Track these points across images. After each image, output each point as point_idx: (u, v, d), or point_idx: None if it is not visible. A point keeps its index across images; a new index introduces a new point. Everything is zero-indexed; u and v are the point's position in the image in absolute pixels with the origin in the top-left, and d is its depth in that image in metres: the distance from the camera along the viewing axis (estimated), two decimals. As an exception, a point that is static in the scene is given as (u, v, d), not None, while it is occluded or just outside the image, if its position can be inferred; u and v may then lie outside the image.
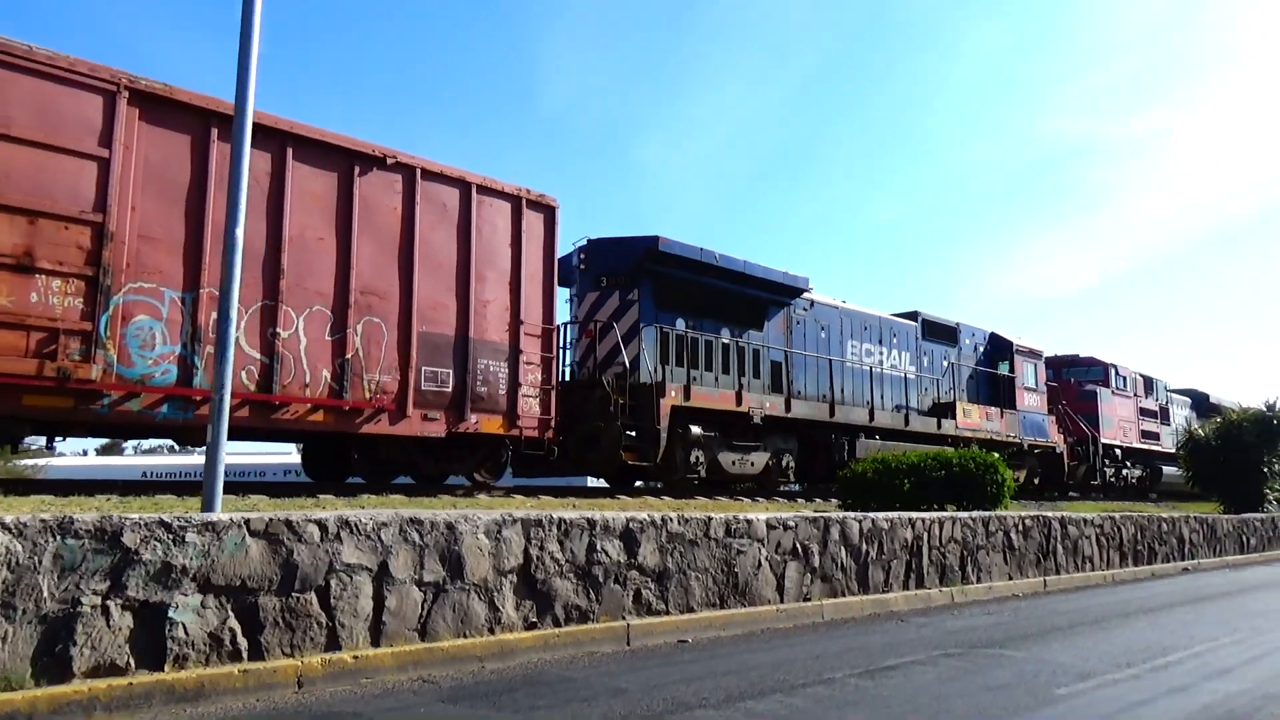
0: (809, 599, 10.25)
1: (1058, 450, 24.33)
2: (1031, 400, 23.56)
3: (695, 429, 15.05)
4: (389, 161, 11.81)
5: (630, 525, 8.60)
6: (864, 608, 10.71)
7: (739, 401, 15.69)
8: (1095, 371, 27.71)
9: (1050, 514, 15.07)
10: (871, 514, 11.54)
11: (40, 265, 9.06)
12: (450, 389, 12.07)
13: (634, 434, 14.10)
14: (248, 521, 5.87)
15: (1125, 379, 28.64)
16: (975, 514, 13.30)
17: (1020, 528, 14.02)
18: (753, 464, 16.06)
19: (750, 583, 9.63)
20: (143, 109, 9.96)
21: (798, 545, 10.29)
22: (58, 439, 11.07)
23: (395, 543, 6.67)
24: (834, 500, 15.27)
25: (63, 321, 9.14)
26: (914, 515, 12.05)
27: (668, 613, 8.68)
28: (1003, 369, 23.22)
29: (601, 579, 8.25)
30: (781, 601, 9.89)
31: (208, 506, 6.12)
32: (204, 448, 11.17)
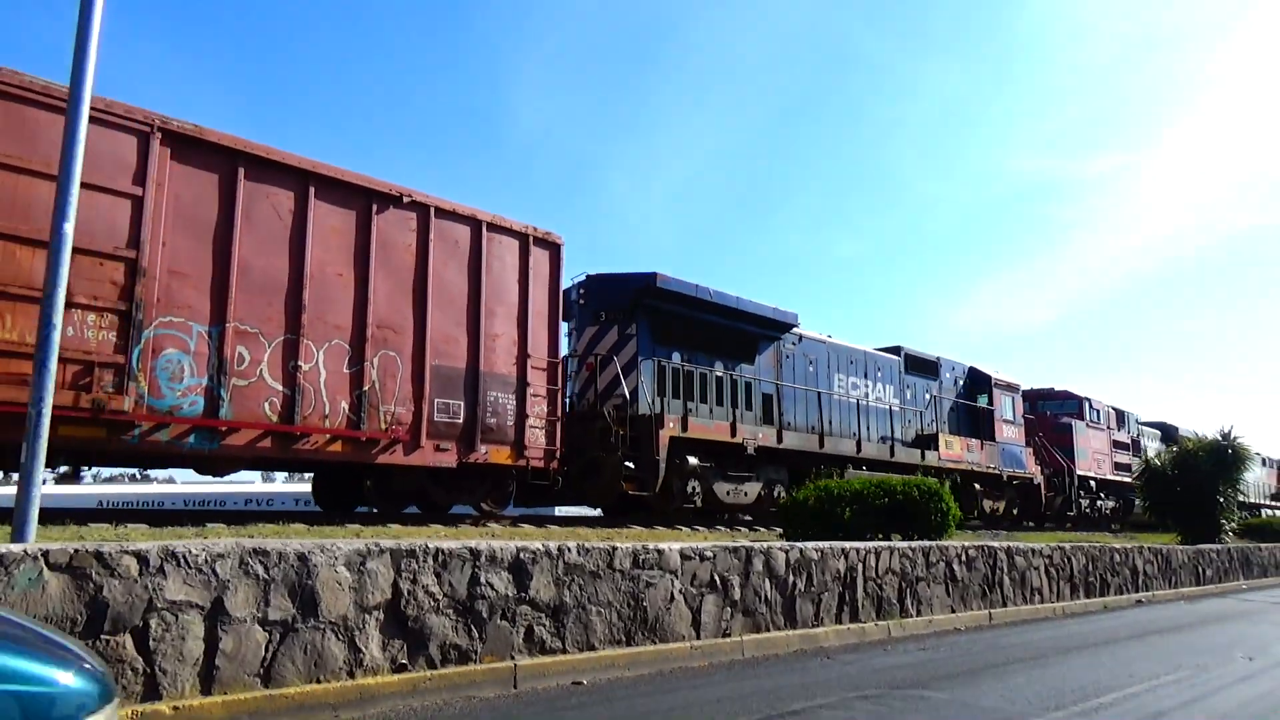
0: (729, 635, 9.39)
1: (1035, 481, 24.27)
2: (1010, 432, 23.89)
3: (692, 460, 15.34)
4: (405, 200, 12.16)
5: (521, 556, 7.72)
6: (790, 644, 9.84)
7: (733, 433, 16.00)
8: (1070, 405, 27.41)
9: (996, 544, 14.17)
10: (800, 544, 10.62)
11: (77, 300, 9.20)
12: (461, 420, 12.16)
13: (633, 464, 14.51)
14: (47, 554, 4.95)
15: (1099, 412, 28.66)
16: (915, 544, 12.44)
17: (963, 558, 13.13)
18: (746, 494, 16.40)
19: (661, 618, 8.74)
20: (174, 149, 10.18)
21: (716, 577, 9.40)
22: (84, 469, 11.35)
23: (234, 576, 5.67)
24: (776, 529, 14.16)
25: (97, 354, 9.26)
26: (848, 545, 11.22)
27: (564, 651, 7.85)
28: (981, 402, 23.36)
29: (486, 615, 7.41)
30: (697, 638, 9.03)
31: (18, 536, 5.24)
32: (164, 475, 11.19)
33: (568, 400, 14.96)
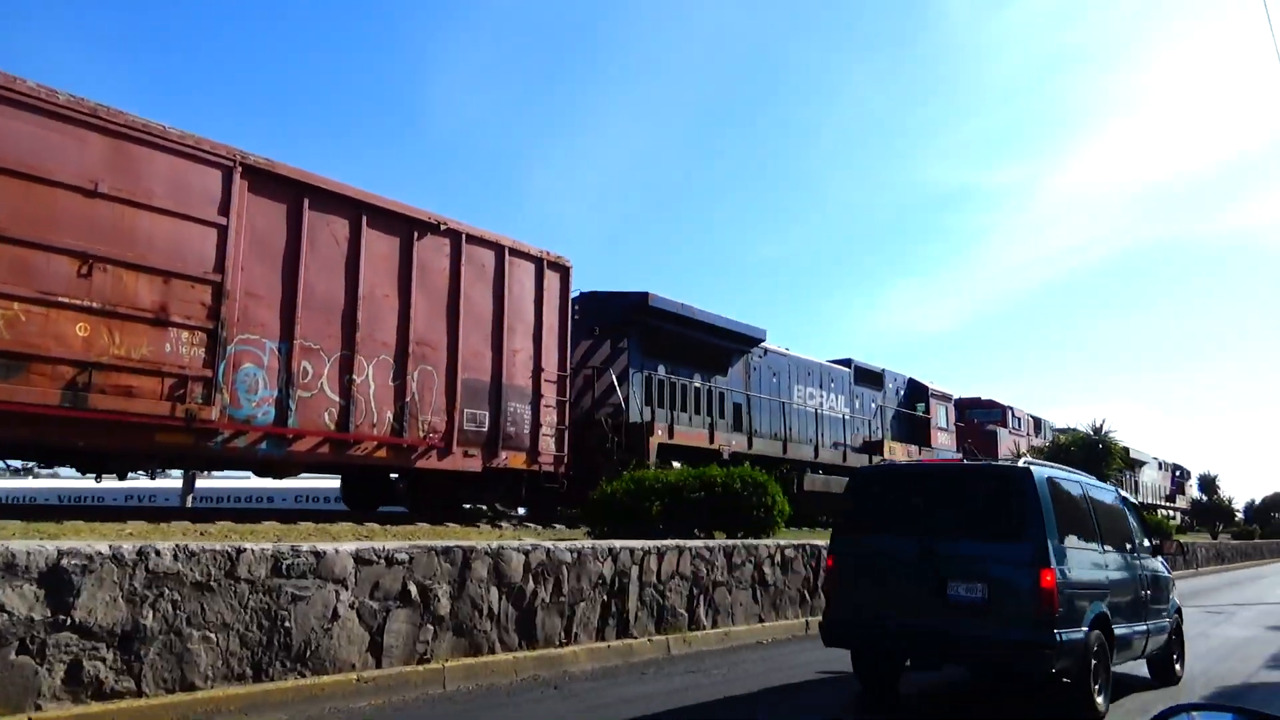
0: (428, 660, 8.07)
1: None
2: (943, 439, 26.81)
3: (676, 464, 17.31)
4: (441, 228, 13.68)
5: (64, 564, 6.10)
6: (521, 668, 8.63)
7: (711, 439, 18.10)
8: (995, 413, 31.37)
9: (820, 542, 13.31)
10: (547, 543, 9.67)
11: (173, 319, 10.61)
12: (486, 429, 13.96)
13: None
14: None
15: (1020, 420, 32.44)
16: (714, 543, 11.70)
17: (778, 559, 12.27)
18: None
19: (317, 642, 7.27)
20: (251, 181, 11.58)
21: (412, 586, 8.07)
22: (159, 471, 12.45)
23: None
24: (583, 527, 13.76)
25: (190, 369, 10.70)
26: (619, 544, 10.31)
27: (138, 694, 6.19)
28: (919, 410, 26.37)
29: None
30: (377, 666, 7.64)
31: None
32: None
33: (565, 408, 16.53)
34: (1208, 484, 63.44)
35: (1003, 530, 7.56)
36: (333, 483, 34.13)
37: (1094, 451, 26.13)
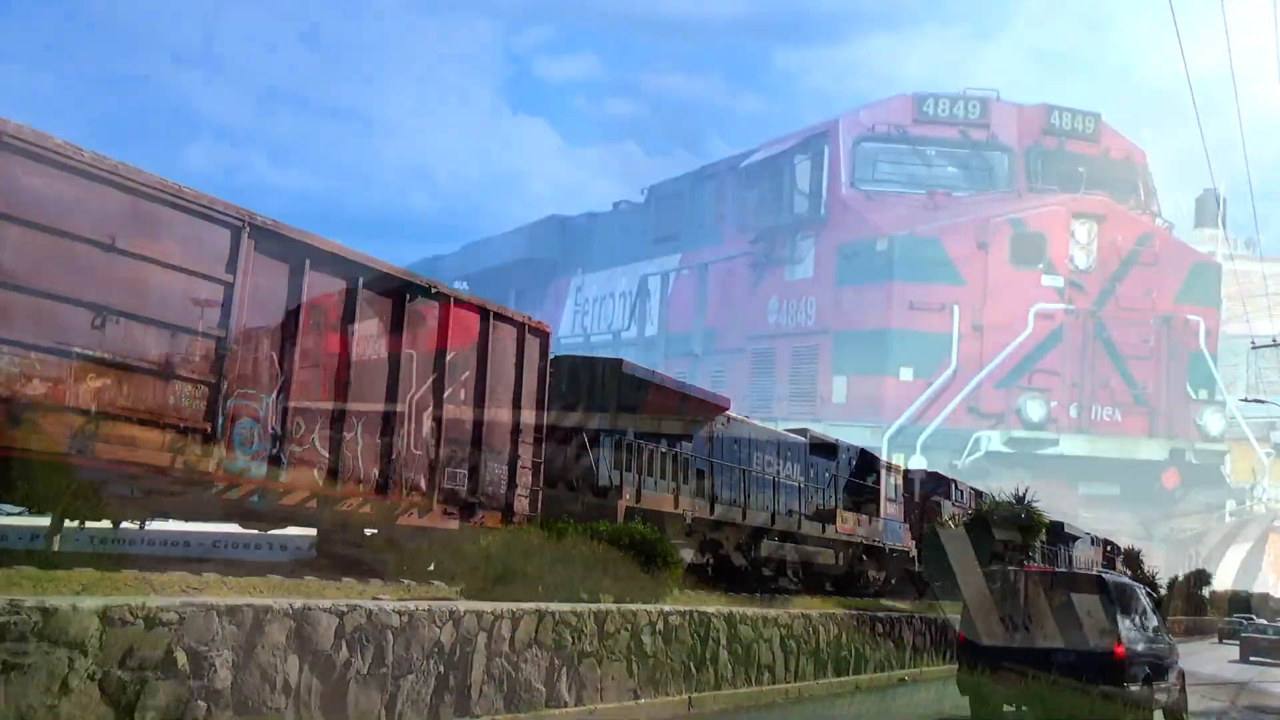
0: None
1: (910, 554, 28.53)
2: (892, 509, 27.79)
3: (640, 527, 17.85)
4: (432, 291, 14.19)
5: None
6: None
7: (676, 504, 18.66)
8: (940, 486, 32.44)
9: (710, 610, 13.04)
10: (370, 604, 8.52)
11: (179, 373, 10.94)
12: (465, 488, 14.35)
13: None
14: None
15: (963, 492, 33.65)
16: (583, 607, 10.85)
17: (659, 627, 11.41)
18: (683, 558, 18.94)
19: None
20: (257, 241, 12.00)
21: (181, 653, 6.69)
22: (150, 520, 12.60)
23: None
24: (458, 587, 12.92)
25: (190, 421, 11.00)
26: (463, 607, 9.34)
27: None
28: (869, 481, 27.26)
29: None
30: None
31: None
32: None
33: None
34: (1132, 559, 65.43)
35: (1089, 616, 11.28)
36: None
37: (1017, 521, 26.26)
